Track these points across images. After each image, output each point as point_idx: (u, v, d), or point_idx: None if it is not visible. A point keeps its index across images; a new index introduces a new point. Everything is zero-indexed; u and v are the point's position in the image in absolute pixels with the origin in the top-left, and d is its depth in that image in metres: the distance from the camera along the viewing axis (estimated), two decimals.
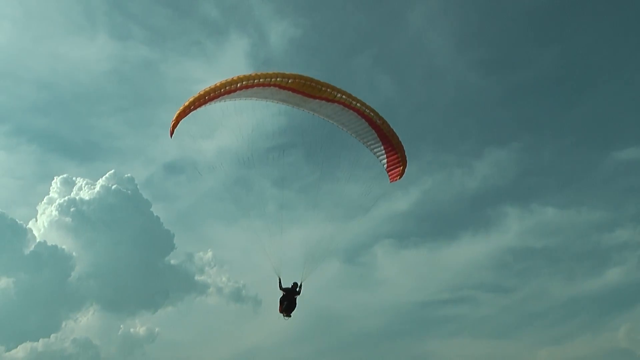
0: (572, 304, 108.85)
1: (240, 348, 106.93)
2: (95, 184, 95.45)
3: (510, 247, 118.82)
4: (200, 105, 26.61)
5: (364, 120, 28.85)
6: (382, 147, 29.40)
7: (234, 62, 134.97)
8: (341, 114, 28.44)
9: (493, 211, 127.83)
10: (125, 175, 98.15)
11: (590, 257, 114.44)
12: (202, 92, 26.54)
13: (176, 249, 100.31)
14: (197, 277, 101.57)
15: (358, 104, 28.02)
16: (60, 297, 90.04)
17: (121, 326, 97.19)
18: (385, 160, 29.84)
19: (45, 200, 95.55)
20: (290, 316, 29.72)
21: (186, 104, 26.54)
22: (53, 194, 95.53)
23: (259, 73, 26.49)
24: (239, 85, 26.15)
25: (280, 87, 27.19)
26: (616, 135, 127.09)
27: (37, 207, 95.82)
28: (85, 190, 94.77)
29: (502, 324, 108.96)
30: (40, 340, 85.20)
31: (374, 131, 29.04)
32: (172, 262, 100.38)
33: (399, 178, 29.90)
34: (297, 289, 29.60)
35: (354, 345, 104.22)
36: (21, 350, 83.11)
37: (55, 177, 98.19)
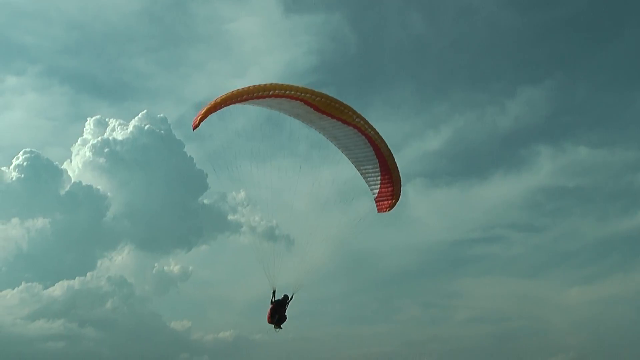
0: (603, 244, 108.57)
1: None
2: (128, 125, 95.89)
3: (543, 186, 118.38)
4: (229, 105, 26.86)
5: (371, 148, 28.99)
6: (380, 177, 29.53)
7: (263, 1, 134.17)
8: (351, 137, 28.70)
9: (525, 150, 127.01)
10: (158, 116, 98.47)
11: (623, 197, 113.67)
12: (234, 93, 26.73)
13: (209, 188, 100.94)
14: (229, 217, 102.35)
15: (372, 132, 28.24)
16: (95, 236, 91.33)
17: (155, 265, 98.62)
18: (378, 190, 29.97)
19: (79, 141, 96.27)
20: (281, 328, 30.22)
21: (218, 101, 26.68)
22: (87, 135, 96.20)
23: (291, 85, 26.95)
24: (270, 93, 26.67)
25: (306, 102, 27.53)
26: None
27: (71, 149, 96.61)
28: (118, 131, 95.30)
29: (533, 263, 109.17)
30: (77, 278, 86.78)
31: (377, 160, 29.19)
32: (205, 201, 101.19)
33: (388, 210, 30.06)
34: (287, 301, 30.01)
35: (386, 284, 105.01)
36: (58, 288, 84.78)
37: (88, 119, 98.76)
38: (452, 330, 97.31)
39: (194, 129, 27.43)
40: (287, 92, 27.02)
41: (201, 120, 27.10)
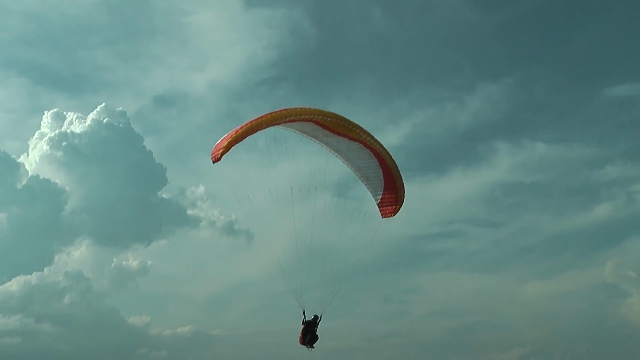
0: (560, 239, 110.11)
1: (233, 281, 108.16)
2: (87, 118, 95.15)
3: (501, 182, 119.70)
4: (250, 135, 27.28)
5: (375, 159, 29.88)
6: (383, 185, 30.39)
7: None
8: (355, 150, 29.61)
9: (484, 146, 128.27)
10: (117, 109, 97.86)
11: (580, 193, 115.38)
12: (254, 123, 27.08)
13: (169, 183, 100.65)
14: (189, 211, 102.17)
15: (377, 145, 29.14)
16: (53, 231, 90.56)
17: (114, 259, 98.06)
18: (381, 197, 30.81)
19: (36, 134, 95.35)
20: (313, 347, 30.66)
21: (239, 132, 26.90)
22: (44, 128, 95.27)
23: (304, 109, 27.53)
24: (287, 119, 27.27)
25: (317, 123, 28.22)
26: (609, 72, 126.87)
27: (29, 142, 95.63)
28: (77, 125, 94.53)
29: (491, 258, 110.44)
30: (34, 273, 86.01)
31: (380, 170, 30.12)
32: (165, 196, 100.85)
33: (392, 215, 31.02)
34: (318, 321, 30.42)
35: (345, 278, 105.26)
36: (15, 283, 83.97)
37: (45, 112, 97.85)
38: (411, 325, 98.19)
39: (214, 162, 27.50)
40: (302, 116, 27.64)
41: (223, 154, 27.18)
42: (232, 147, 26.93)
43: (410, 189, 30.27)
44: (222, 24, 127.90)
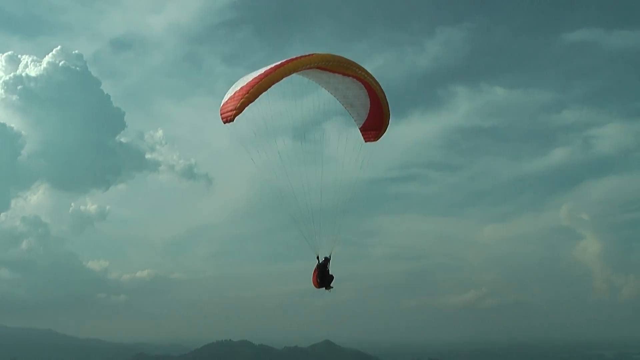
0: (517, 183, 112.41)
1: (192, 225, 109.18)
2: (42, 61, 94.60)
3: (459, 126, 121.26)
4: (262, 92, 27.30)
5: (365, 89, 30.62)
6: (369, 111, 31.24)
7: None
8: (346, 83, 30.33)
9: (443, 90, 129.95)
10: (73, 52, 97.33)
11: (537, 137, 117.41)
12: (265, 81, 26.96)
13: (127, 127, 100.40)
14: (148, 155, 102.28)
15: (369, 78, 29.86)
16: (9, 175, 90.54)
17: (72, 204, 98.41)
18: (364, 122, 31.68)
19: None
20: (332, 287, 31.10)
21: (252, 91, 26.72)
22: None
23: (310, 57, 27.82)
24: (294, 71, 27.53)
25: (318, 68, 28.72)
26: (567, 17, 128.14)
27: None
28: (32, 68, 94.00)
29: (449, 201, 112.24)
30: None
31: (368, 98, 30.83)
32: (123, 140, 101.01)
33: (375, 140, 31.98)
34: (328, 262, 30.93)
35: (303, 221, 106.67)
36: None
37: None
38: (370, 268, 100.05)
39: (226, 123, 27.30)
40: (306, 66, 28.14)
41: (236, 115, 27.07)
42: (245, 108, 27.08)
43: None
44: None
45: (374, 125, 31.78)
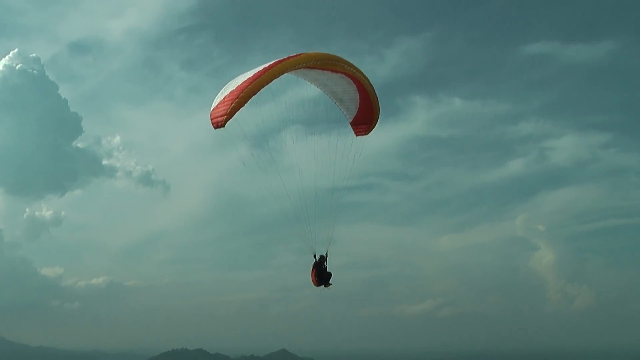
0: (474, 193, 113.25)
1: (148, 231, 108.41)
2: None
3: (417, 136, 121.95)
4: (253, 96, 27.00)
5: (354, 85, 30.70)
6: (358, 105, 31.44)
7: None
8: (333, 79, 30.37)
9: (402, 100, 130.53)
10: (31, 55, 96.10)
11: (494, 148, 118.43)
12: (255, 84, 26.64)
13: (84, 132, 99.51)
14: (105, 161, 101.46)
15: (358, 74, 29.92)
16: None
17: (26, 209, 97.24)
18: (355, 116, 31.90)
19: None
20: (331, 284, 30.99)
21: (243, 95, 26.40)
22: None
23: (298, 58, 27.66)
24: (283, 72, 27.28)
25: (309, 67, 28.67)
26: (525, 29, 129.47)
27: None
28: None
29: (406, 211, 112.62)
30: None
31: (358, 93, 31.00)
32: (80, 145, 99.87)
33: (366, 134, 32.32)
34: (325, 260, 30.81)
35: (262, 230, 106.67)
36: None
37: None
38: None
39: (217, 128, 26.94)
40: (295, 67, 27.92)
41: (227, 120, 26.69)
42: (236, 113, 26.78)
43: (328, 142, 30.94)
44: None
45: (364, 119, 31.92)
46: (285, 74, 29.29)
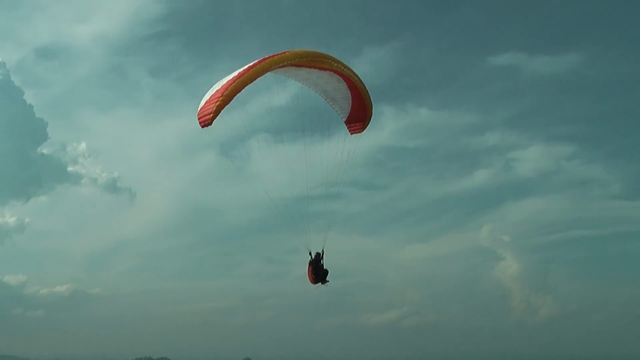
0: (439, 204, 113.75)
1: (114, 239, 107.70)
2: None
3: (384, 146, 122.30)
4: (237, 93, 26.80)
5: (344, 82, 30.60)
6: (351, 104, 31.39)
7: None
8: (323, 77, 30.23)
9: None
10: None
11: (460, 158, 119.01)
12: (240, 82, 26.54)
13: (49, 138, 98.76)
14: (70, 168, 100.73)
15: (347, 71, 29.81)
16: None
17: None
18: (348, 115, 31.88)
19: None
20: (328, 281, 30.87)
21: (227, 93, 26.28)
22: None
23: (282, 56, 27.55)
24: (267, 71, 27.08)
25: (292, 65, 28.49)
26: (492, 41, 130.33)
27: None
28: None
29: (372, 220, 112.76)
30: None
31: (349, 91, 30.90)
32: (45, 151, 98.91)
33: (360, 132, 32.31)
34: (321, 257, 30.68)
35: (227, 238, 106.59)
36: None
37: None
38: (291, 286, 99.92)
39: (204, 127, 26.73)
40: (279, 64, 27.71)
41: (214, 119, 26.51)
42: (221, 110, 26.62)
43: (296, 150, 30.96)
44: None
45: (358, 117, 31.81)
46: (276, 74, 29.31)
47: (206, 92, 27.85)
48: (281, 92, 30.00)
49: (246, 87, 26.86)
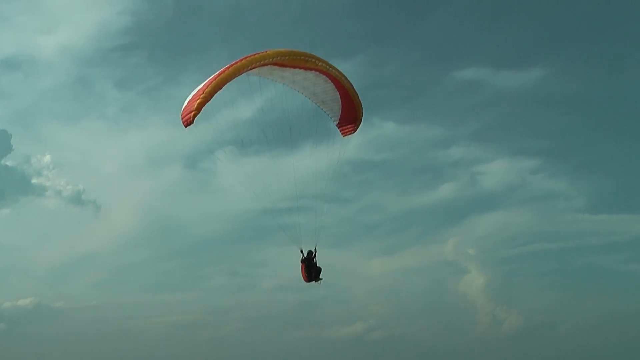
0: (406, 217, 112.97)
1: (77, 252, 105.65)
2: None
3: (350, 159, 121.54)
4: (218, 90, 26.20)
5: (332, 83, 30.16)
6: (341, 105, 30.91)
7: None
8: (310, 79, 29.76)
9: (334, 124, 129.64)
10: None
11: (426, 172, 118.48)
12: (220, 79, 26.08)
13: (13, 150, 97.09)
14: (34, 180, 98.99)
15: (334, 70, 29.29)
16: None
17: None
18: (340, 117, 31.43)
19: None
20: (321, 279, 30.55)
21: (208, 90, 25.79)
22: None
23: (264, 54, 26.97)
24: (248, 68, 26.59)
25: (276, 64, 27.87)
26: (457, 55, 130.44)
27: None
28: None
29: (337, 234, 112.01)
30: None
31: (337, 92, 30.42)
32: (9, 163, 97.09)
33: (353, 133, 31.86)
34: (314, 255, 30.31)
35: (193, 251, 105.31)
36: None
37: None
38: (258, 298, 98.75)
39: (187, 126, 26.11)
40: (261, 62, 27.06)
41: (195, 116, 25.91)
42: (203, 108, 26.01)
43: (261, 163, 30.50)
44: None
45: (349, 118, 31.52)
46: (262, 78, 28.81)
47: (188, 95, 27.46)
48: (247, 104, 29.59)
49: (226, 86, 26.49)
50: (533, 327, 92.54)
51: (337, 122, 31.91)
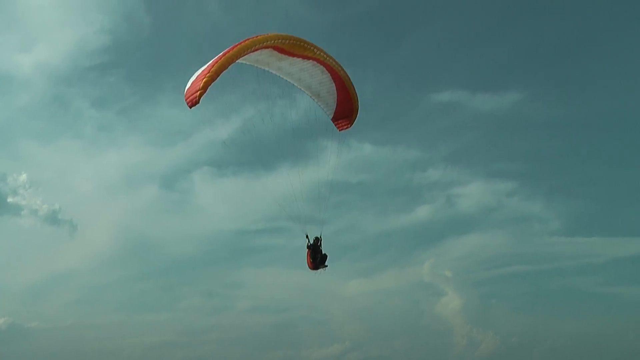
0: (382, 239, 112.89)
1: (53, 271, 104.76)
2: None
3: (327, 180, 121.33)
4: (223, 70, 26.04)
5: (328, 73, 30.00)
6: (336, 98, 30.70)
7: None
8: (307, 69, 29.63)
9: (312, 144, 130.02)
10: None
11: (403, 194, 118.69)
12: (224, 60, 25.95)
13: None
14: (10, 199, 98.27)
15: (331, 60, 29.19)
16: None
17: None
18: (335, 111, 31.23)
19: None
20: (327, 266, 30.34)
21: (213, 70, 25.58)
22: None
23: (266, 36, 26.93)
24: (251, 49, 26.51)
25: (276, 48, 27.77)
26: (434, 78, 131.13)
27: None
28: None
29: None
30: None
31: (334, 83, 30.23)
32: None
33: (348, 127, 31.58)
34: (319, 242, 30.17)
35: (169, 271, 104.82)
36: None
37: None
38: (234, 319, 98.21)
39: (192, 106, 25.69)
40: (264, 43, 26.98)
41: (201, 95, 25.52)
42: (209, 87, 25.71)
43: (238, 184, 30.50)
44: (52, 3, 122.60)
45: (345, 112, 31.18)
46: (258, 69, 28.65)
47: (190, 78, 27.29)
48: (225, 125, 29.56)
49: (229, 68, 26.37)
50: (509, 349, 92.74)
51: (332, 116, 31.65)
